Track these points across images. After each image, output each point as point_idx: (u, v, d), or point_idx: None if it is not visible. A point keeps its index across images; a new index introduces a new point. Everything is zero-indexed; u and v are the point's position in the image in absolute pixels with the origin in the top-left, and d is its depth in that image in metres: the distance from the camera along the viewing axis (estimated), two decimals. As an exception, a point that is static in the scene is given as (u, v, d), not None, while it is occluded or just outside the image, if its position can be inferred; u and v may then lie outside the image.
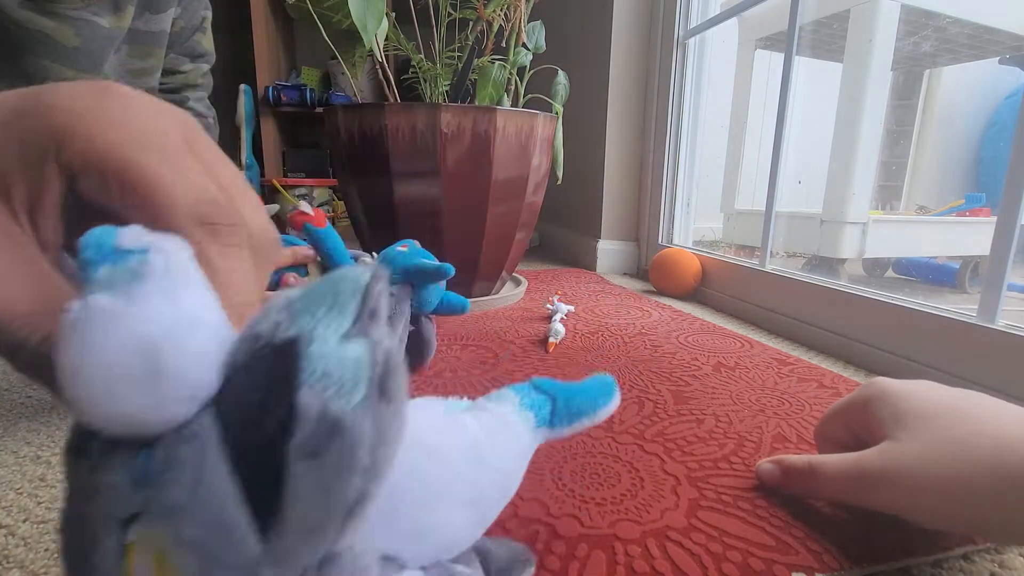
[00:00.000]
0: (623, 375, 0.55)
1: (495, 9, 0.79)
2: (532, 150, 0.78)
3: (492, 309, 0.83)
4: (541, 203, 0.88)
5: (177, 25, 0.70)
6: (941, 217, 1.23)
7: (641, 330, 0.72)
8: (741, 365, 0.58)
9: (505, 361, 0.59)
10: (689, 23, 1.10)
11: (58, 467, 0.38)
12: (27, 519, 0.32)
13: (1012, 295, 0.53)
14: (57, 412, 0.47)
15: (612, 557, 0.28)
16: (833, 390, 0.52)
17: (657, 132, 1.18)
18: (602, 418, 0.26)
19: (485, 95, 0.80)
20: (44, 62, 0.57)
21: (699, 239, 1.26)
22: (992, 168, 1.29)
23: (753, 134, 1.33)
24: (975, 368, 0.52)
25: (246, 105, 1.84)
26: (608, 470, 0.37)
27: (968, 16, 1.09)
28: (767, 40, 1.27)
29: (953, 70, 1.25)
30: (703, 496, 0.34)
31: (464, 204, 0.76)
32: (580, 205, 1.40)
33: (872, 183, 1.09)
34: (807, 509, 0.33)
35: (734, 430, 0.43)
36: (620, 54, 1.18)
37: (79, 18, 0.58)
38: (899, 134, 1.28)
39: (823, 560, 0.28)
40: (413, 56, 0.82)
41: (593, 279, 1.11)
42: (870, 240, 1.06)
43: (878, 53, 1.02)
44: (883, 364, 0.61)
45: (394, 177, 0.73)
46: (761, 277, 0.83)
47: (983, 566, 0.30)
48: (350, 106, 0.74)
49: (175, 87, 0.73)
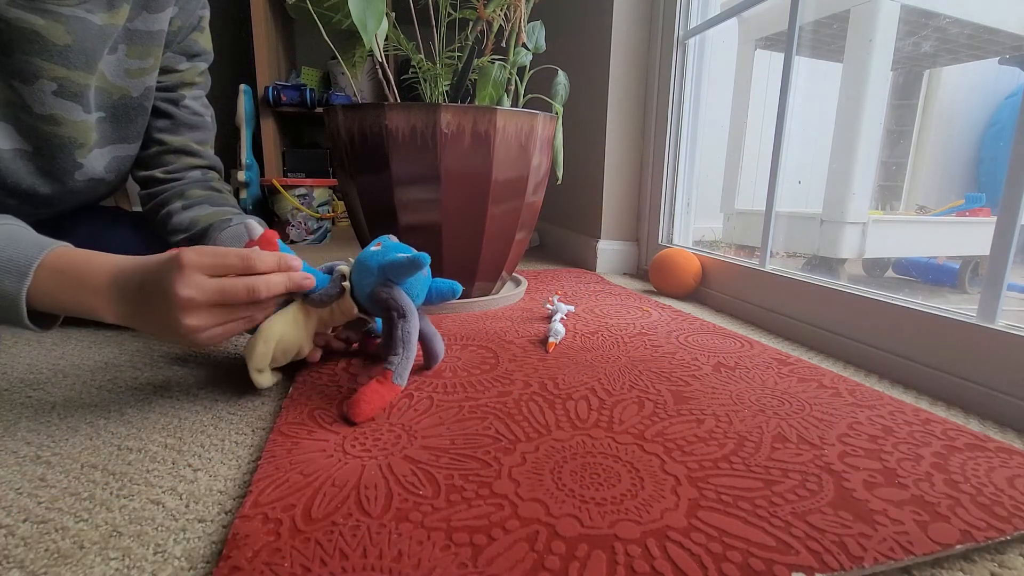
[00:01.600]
0: (623, 375, 0.55)
1: (495, 9, 0.79)
2: (532, 150, 0.78)
3: (492, 309, 0.83)
4: (541, 203, 0.88)
5: (174, 24, 0.70)
6: (941, 217, 1.23)
7: (641, 330, 0.72)
8: (741, 365, 0.58)
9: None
10: (689, 23, 1.10)
11: (58, 467, 0.38)
12: (27, 519, 0.33)
13: (1012, 295, 0.53)
14: (57, 412, 0.47)
15: (612, 557, 0.28)
16: (833, 390, 0.52)
17: (657, 132, 1.18)
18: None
19: (485, 95, 0.80)
20: (35, 60, 0.57)
21: (699, 239, 1.26)
22: (992, 168, 1.29)
23: (753, 134, 1.33)
24: (975, 368, 0.52)
25: (246, 105, 1.84)
26: (608, 470, 0.37)
27: (968, 16, 1.08)
28: (767, 40, 1.27)
29: (953, 70, 1.25)
30: (703, 496, 0.34)
31: (464, 204, 0.76)
32: (580, 205, 1.40)
33: (872, 183, 1.08)
34: (807, 509, 0.33)
35: (734, 430, 0.43)
36: (620, 54, 1.18)
37: (71, 16, 0.58)
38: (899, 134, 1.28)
39: (823, 560, 0.28)
40: (413, 56, 0.82)
41: (593, 279, 1.11)
42: (870, 240, 1.06)
43: (878, 53, 1.02)
44: (883, 364, 0.61)
45: (394, 177, 0.73)
46: (761, 277, 0.83)
47: (983, 566, 0.30)
48: (350, 106, 0.74)
49: (172, 85, 0.73)
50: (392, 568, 0.27)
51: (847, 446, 0.41)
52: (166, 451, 0.41)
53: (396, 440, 0.41)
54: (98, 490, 0.36)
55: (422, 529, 0.30)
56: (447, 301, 0.55)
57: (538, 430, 0.42)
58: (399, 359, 0.48)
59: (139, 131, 0.71)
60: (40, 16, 0.56)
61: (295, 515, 0.31)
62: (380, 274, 0.49)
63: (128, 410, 0.48)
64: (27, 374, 0.56)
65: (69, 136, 0.63)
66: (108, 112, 0.66)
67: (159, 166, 0.74)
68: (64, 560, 0.29)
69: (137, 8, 0.64)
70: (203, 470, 0.38)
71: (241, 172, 1.80)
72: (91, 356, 0.62)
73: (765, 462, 0.38)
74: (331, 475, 0.36)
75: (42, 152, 0.62)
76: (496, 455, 0.39)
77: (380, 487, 0.34)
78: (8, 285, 0.43)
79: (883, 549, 0.29)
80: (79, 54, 0.60)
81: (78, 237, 0.73)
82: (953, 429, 0.44)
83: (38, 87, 0.59)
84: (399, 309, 0.49)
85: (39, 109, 0.60)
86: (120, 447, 0.41)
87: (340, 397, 0.49)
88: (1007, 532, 0.31)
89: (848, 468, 0.37)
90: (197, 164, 0.77)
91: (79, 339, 0.69)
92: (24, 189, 0.63)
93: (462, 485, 0.35)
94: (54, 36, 0.57)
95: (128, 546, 0.30)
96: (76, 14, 0.58)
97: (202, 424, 0.45)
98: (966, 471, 0.37)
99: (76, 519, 0.33)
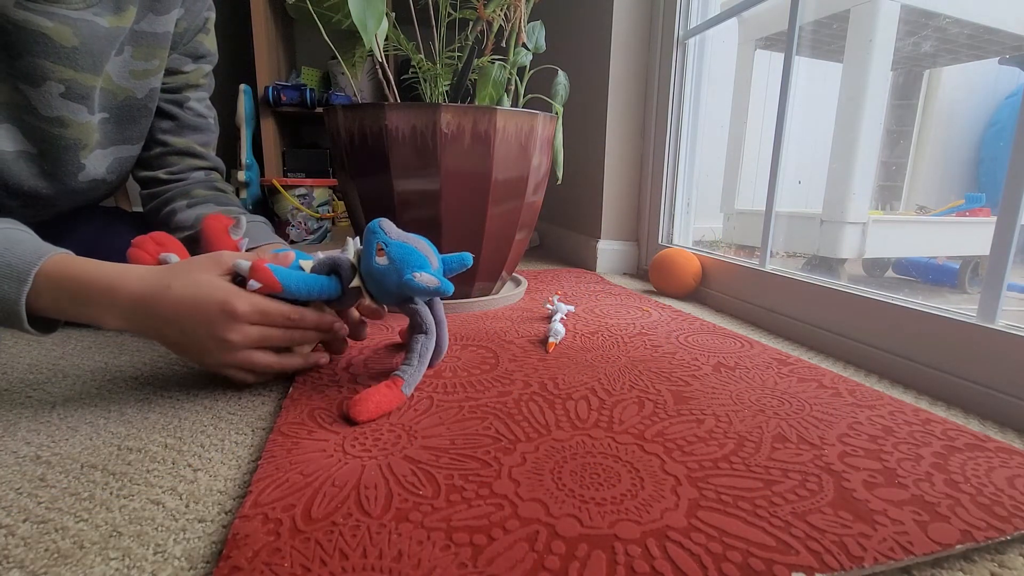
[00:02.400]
0: (623, 375, 0.55)
1: (495, 9, 0.79)
2: (532, 150, 0.78)
3: (492, 309, 0.83)
4: (541, 203, 0.88)
5: (180, 26, 0.70)
6: (941, 217, 1.23)
7: (641, 330, 0.72)
8: (741, 365, 0.58)
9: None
10: (689, 23, 1.10)
11: (58, 467, 0.38)
12: (27, 519, 0.33)
13: (1012, 295, 0.53)
14: (57, 412, 0.47)
15: (612, 557, 0.28)
16: (833, 390, 0.52)
17: (657, 132, 1.18)
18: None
19: (485, 95, 0.80)
20: (43, 62, 0.57)
21: (699, 239, 1.26)
22: (992, 168, 1.29)
23: (753, 134, 1.33)
24: (975, 368, 0.52)
25: (246, 105, 1.84)
26: (608, 470, 0.37)
27: (968, 16, 1.08)
28: (767, 40, 1.27)
29: (953, 70, 1.25)
30: (703, 496, 0.34)
31: (464, 204, 0.76)
32: (580, 205, 1.40)
33: (872, 183, 1.08)
34: (807, 509, 0.33)
35: (734, 430, 0.43)
36: (620, 54, 1.18)
37: (79, 19, 0.58)
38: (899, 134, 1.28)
39: (823, 560, 0.28)
40: (413, 56, 0.82)
41: (593, 279, 1.11)
42: (870, 240, 1.06)
43: (878, 53, 1.02)
44: (883, 364, 0.61)
45: (394, 177, 0.73)
46: (761, 277, 0.83)
47: (983, 566, 0.30)
48: (350, 106, 0.74)
49: (176, 87, 0.73)
50: (392, 568, 0.27)
51: (847, 446, 0.41)
52: (166, 451, 0.41)
53: (396, 440, 0.41)
54: (98, 490, 0.36)
55: (422, 529, 0.30)
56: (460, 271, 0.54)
57: (538, 430, 0.42)
58: (413, 370, 0.48)
59: (142, 132, 0.71)
60: (48, 18, 0.56)
61: (295, 515, 0.31)
62: (400, 291, 0.48)
63: (128, 410, 0.48)
64: (27, 374, 0.56)
65: (75, 138, 0.63)
66: (112, 113, 0.66)
67: (162, 167, 0.74)
68: (64, 560, 0.29)
69: (144, 10, 0.64)
70: (203, 470, 0.38)
71: (241, 172, 1.80)
72: (91, 356, 0.62)
73: (765, 462, 0.38)
74: (331, 475, 0.36)
75: (46, 154, 0.63)
76: (496, 455, 0.39)
77: (380, 487, 0.34)
78: (7, 290, 0.43)
79: (883, 549, 0.29)
80: (86, 56, 0.60)
81: (78, 237, 0.74)
82: (953, 429, 0.44)
83: (45, 89, 0.59)
84: (421, 326, 0.50)
85: (46, 111, 0.60)
86: (120, 447, 0.41)
87: (340, 397, 0.49)
88: (1007, 532, 0.31)
89: (848, 468, 0.37)
90: (200, 166, 0.77)
91: (79, 339, 0.69)
92: (26, 191, 0.64)
93: (462, 485, 0.35)
94: (62, 38, 0.57)
95: (128, 546, 0.30)
96: (84, 17, 0.58)
97: (202, 424, 0.45)
98: (966, 471, 0.37)
99: (76, 519, 0.33)
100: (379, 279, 0.48)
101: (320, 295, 0.49)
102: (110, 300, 0.45)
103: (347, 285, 0.50)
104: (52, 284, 0.44)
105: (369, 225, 0.50)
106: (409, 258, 0.48)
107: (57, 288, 0.44)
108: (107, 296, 0.45)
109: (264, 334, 0.47)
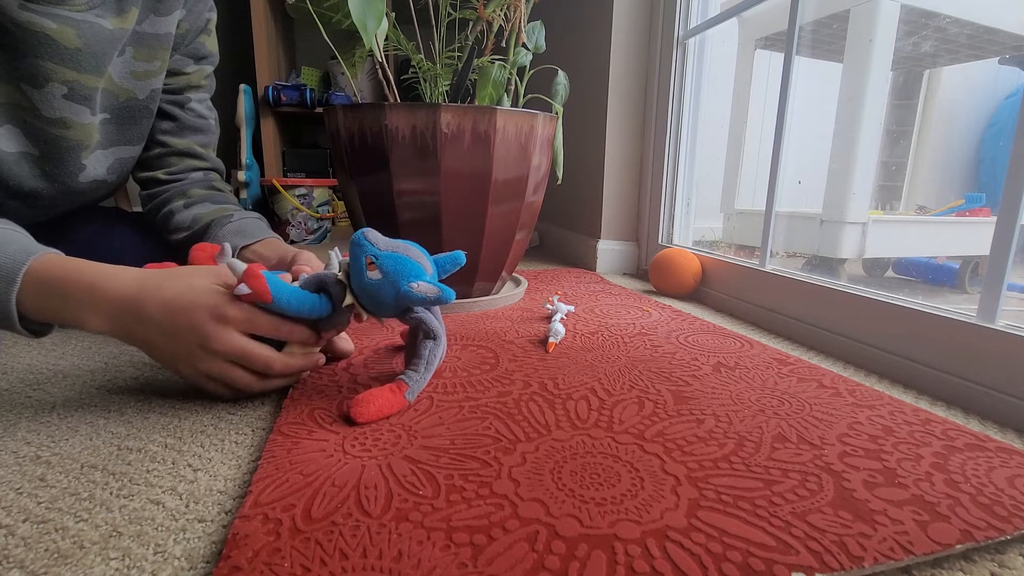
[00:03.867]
0: (623, 375, 0.55)
1: (495, 9, 0.79)
2: (532, 150, 0.78)
3: (492, 309, 0.83)
4: (541, 203, 0.88)
5: (182, 27, 0.70)
6: (941, 217, 1.23)
7: (641, 330, 0.72)
8: (741, 365, 0.58)
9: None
10: (689, 23, 1.10)
11: (58, 467, 0.38)
12: (27, 519, 0.33)
13: (1012, 295, 0.53)
14: (57, 412, 0.47)
15: (612, 557, 0.28)
16: (833, 390, 0.52)
17: (657, 132, 1.18)
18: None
19: (485, 95, 0.80)
20: (46, 63, 0.57)
21: (699, 239, 1.26)
22: (992, 168, 1.28)
23: (753, 134, 1.33)
24: (975, 368, 0.52)
25: (246, 105, 1.84)
26: (608, 470, 0.37)
27: (968, 16, 1.08)
28: (767, 40, 1.27)
29: (953, 70, 1.25)
30: (703, 496, 0.34)
31: (464, 204, 0.76)
32: (580, 205, 1.40)
33: (872, 183, 1.08)
34: (807, 509, 0.33)
35: (734, 430, 0.43)
36: (620, 54, 1.18)
37: (82, 20, 0.58)
38: (899, 134, 1.28)
39: (823, 560, 0.28)
40: (413, 56, 0.82)
41: (593, 279, 1.11)
42: (870, 240, 1.06)
43: (878, 53, 1.02)
44: (883, 364, 0.61)
45: (394, 177, 0.73)
46: (761, 277, 0.83)
47: (983, 566, 0.30)
48: (350, 106, 0.74)
49: (178, 88, 0.73)
50: (392, 568, 0.27)
51: (847, 446, 0.41)
52: (166, 451, 0.41)
53: (396, 440, 0.41)
54: (98, 490, 0.36)
55: (422, 529, 0.30)
56: (453, 271, 0.52)
57: (538, 430, 0.42)
58: (419, 376, 0.47)
59: (143, 133, 0.71)
60: (51, 20, 0.56)
61: (295, 515, 0.31)
62: (397, 303, 0.46)
63: (128, 410, 0.48)
64: (27, 374, 0.56)
65: (76, 139, 0.63)
66: (113, 114, 0.66)
67: (162, 168, 0.74)
68: (64, 560, 0.29)
69: (146, 11, 0.64)
70: (203, 470, 0.38)
71: (241, 172, 1.80)
72: (91, 356, 0.62)
73: (765, 462, 0.38)
74: (331, 475, 0.36)
75: (47, 155, 0.62)
76: (496, 455, 0.39)
77: (380, 487, 0.34)
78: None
79: (883, 549, 0.29)
80: (89, 57, 0.60)
81: (78, 238, 0.74)
82: (953, 429, 0.44)
83: (48, 90, 0.59)
84: (428, 332, 0.49)
85: (48, 112, 0.60)
86: (120, 447, 0.41)
87: (340, 397, 0.49)
88: (1007, 532, 0.31)
89: (848, 468, 0.37)
90: (200, 167, 0.77)
91: (79, 339, 0.69)
92: (27, 191, 0.64)
93: (462, 485, 0.35)
94: (65, 40, 0.57)
95: (128, 546, 0.30)
96: (87, 19, 0.58)
97: (202, 424, 0.45)
98: (966, 471, 0.37)
99: (76, 519, 0.33)
100: (374, 294, 0.45)
101: (311, 313, 0.46)
102: (91, 299, 0.43)
103: (339, 304, 0.47)
104: (39, 284, 0.43)
105: (353, 238, 0.47)
106: (403, 268, 0.45)
107: (43, 288, 0.43)
108: (88, 295, 0.43)
109: (247, 351, 0.45)
